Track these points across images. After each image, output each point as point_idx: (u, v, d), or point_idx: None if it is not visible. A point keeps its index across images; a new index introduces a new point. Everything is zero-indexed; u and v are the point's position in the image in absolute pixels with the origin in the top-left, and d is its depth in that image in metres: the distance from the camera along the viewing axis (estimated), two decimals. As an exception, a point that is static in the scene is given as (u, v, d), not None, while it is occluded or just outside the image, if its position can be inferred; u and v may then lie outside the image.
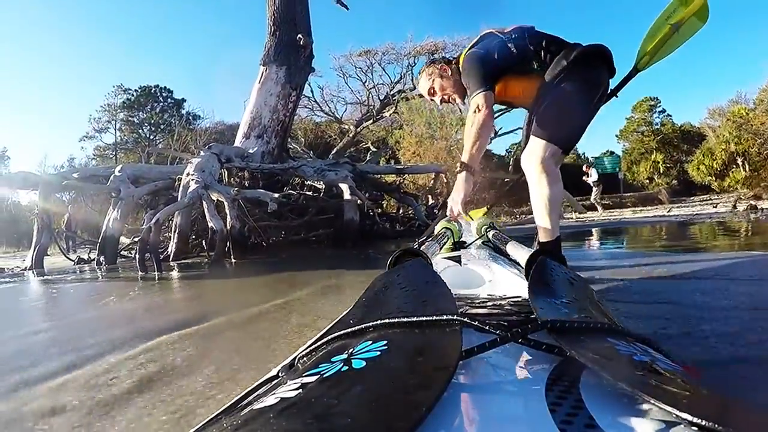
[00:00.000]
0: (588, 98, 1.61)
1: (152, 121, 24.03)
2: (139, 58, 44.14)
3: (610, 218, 8.82)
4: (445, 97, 1.86)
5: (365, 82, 16.81)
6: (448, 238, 1.30)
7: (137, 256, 4.80)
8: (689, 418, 0.23)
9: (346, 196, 5.92)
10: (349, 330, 0.37)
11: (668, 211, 9.28)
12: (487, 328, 0.34)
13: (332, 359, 0.32)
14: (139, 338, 1.69)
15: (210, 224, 5.10)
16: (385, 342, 0.33)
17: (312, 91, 16.83)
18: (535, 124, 1.59)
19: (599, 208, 11.32)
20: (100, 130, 24.15)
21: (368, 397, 0.26)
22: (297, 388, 0.29)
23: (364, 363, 0.30)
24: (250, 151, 6.97)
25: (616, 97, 1.73)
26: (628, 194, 14.86)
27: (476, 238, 1.27)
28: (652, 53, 1.71)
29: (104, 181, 6.22)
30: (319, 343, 0.39)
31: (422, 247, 0.93)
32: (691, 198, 13.72)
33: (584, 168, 12.69)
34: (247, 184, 6.53)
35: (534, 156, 1.56)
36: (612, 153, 21.09)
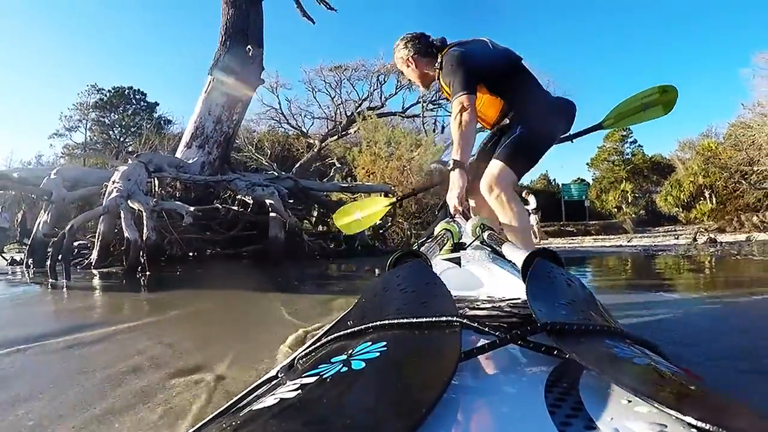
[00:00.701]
0: (548, 143, 1.78)
1: (123, 123, 23.59)
2: (119, 57, 42.66)
3: (566, 246, 8.86)
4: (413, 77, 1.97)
5: (334, 97, 16.90)
6: (447, 239, 1.30)
7: (49, 262, 4.68)
8: (689, 420, 0.23)
9: (272, 213, 5.79)
10: (349, 331, 0.37)
11: (629, 241, 9.42)
12: (486, 329, 0.34)
13: (332, 360, 0.32)
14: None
15: (126, 234, 5.01)
16: (384, 343, 0.33)
17: (280, 104, 16.92)
18: (507, 149, 1.71)
19: (536, 236, 11.23)
20: (70, 128, 23.65)
21: (367, 399, 0.26)
22: (296, 389, 0.28)
23: (363, 364, 0.30)
24: (191, 161, 6.81)
25: (572, 142, 1.96)
26: (594, 222, 15.30)
27: (473, 239, 1.27)
28: (617, 119, 2.01)
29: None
30: (318, 343, 0.39)
31: (422, 249, 0.93)
32: (656, 228, 14.08)
33: (523, 194, 12.69)
34: (179, 195, 6.42)
35: (501, 179, 1.69)
36: (582, 180, 21.36)
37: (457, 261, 1.02)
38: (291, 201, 7.17)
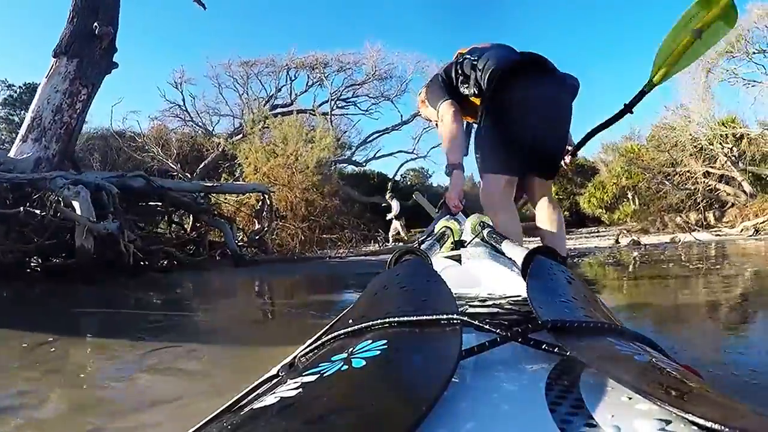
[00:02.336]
0: (504, 120, 1.65)
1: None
2: (32, 51, 35.64)
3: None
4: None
5: (242, 94, 16.05)
6: (448, 237, 1.30)
7: None
8: (691, 417, 0.23)
9: (79, 218, 4.76)
10: (349, 329, 0.37)
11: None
12: (487, 327, 0.34)
13: (332, 358, 0.32)
14: None
15: None
16: (385, 341, 0.33)
17: (184, 100, 15.66)
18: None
19: (388, 241, 10.92)
20: (-25, 127, 21.40)
21: (368, 397, 0.26)
22: (297, 388, 0.29)
23: (364, 362, 0.30)
24: (24, 156, 5.88)
25: (631, 113, 1.61)
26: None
27: (473, 237, 1.27)
28: (670, 64, 1.51)
29: None
30: (319, 342, 0.39)
31: (422, 246, 0.93)
32: (579, 230, 14.10)
33: (387, 197, 12.12)
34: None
35: (481, 191, 1.73)
36: None
37: (457, 259, 1.02)
38: (142, 204, 6.51)
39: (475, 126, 1.81)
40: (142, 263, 5.57)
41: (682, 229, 10.53)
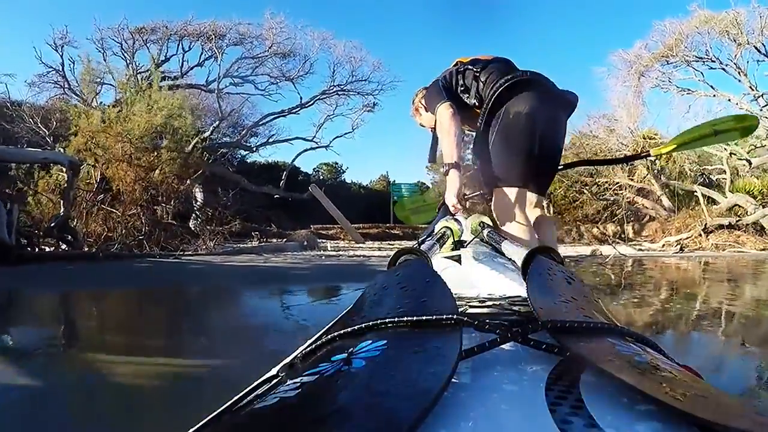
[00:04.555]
0: (506, 133, 1.68)
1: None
2: None
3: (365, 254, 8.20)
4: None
5: (129, 63, 13.92)
6: (448, 238, 1.30)
7: None
8: (691, 417, 0.23)
9: None
10: (349, 329, 0.37)
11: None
12: (487, 327, 0.34)
13: (332, 358, 0.32)
14: None
15: None
16: (384, 341, 0.33)
17: (63, 64, 13.11)
18: None
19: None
20: None
21: (368, 397, 0.26)
22: (297, 388, 0.29)
23: (364, 362, 0.30)
24: None
25: (627, 164, 1.91)
26: (426, 225, 14.98)
27: (473, 237, 1.27)
28: (677, 146, 1.89)
29: None
30: (318, 342, 0.39)
31: (422, 247, 0.93)
32: None
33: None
34: None
35: (494, 205, 1.76)
36: (422, 183, 19.39)
37: (457, 259, 1.02)
38: None
39: (469, 135, 1.87)
40: None
41: (600, 241, 10.54)
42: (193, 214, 9.31)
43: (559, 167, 1.96)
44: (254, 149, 17.14)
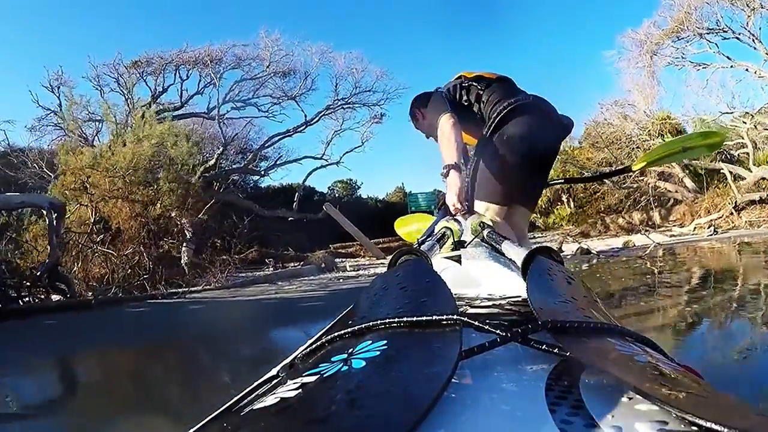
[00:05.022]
0: (504, 153, 1.75)
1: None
2: None
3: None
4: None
5: (127, 98, 13.21)
6: (448, 238, 1.30)
7: None
8: (691, 417, 0.23)
9: None
10: (349, 330, 0.37)
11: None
12: (487, 328, 0.34)
13: (332, 359, 0.32)
14: None
15: None
16: (384, 342, 0.33)
17: (60, 105, 12.57)
18: None
19: None
20: None
21: (368, 397, 0.26)
22: (297, 388, 0.29)
23: (363, 363, 0.30)
24: None
25: (603, 181, 2.00)
26: None
27: (473, 238, 1.27)
28: (650, 161, 2.04)
29: None
30: (318, 342, 0.39)
31: (422, 247, 0.93)
32: None
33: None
34: None
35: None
36: (438, 191, 19.24)
37: (457, 259, 1.02)
38: None
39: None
40: None
41: (627, 231, 9.90)
42: (184, 247, 8.37)
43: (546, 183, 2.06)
44: (263, 173, 16.56)
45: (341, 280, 7.13)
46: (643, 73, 13.21)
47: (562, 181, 3.29)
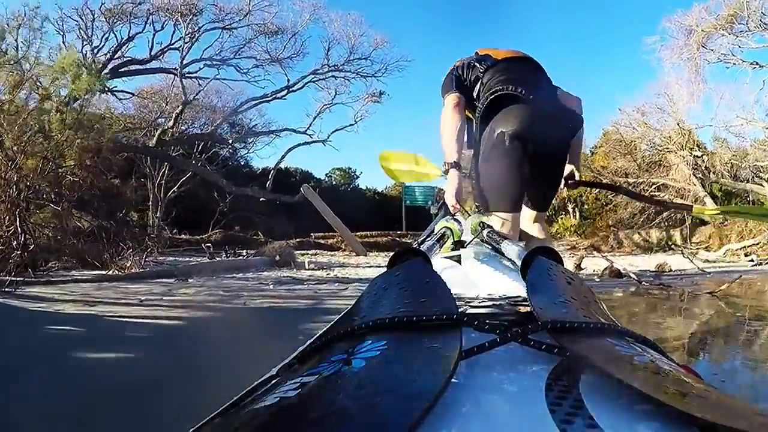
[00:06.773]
0: (500, 152, 1.60)
1: None
2: None
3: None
4: None
5: (92, 46, 11.29)
6: (447, 238, 1.30)
7: None
8: (691, 417, 0.23)
9: None
10: (349, 329, 0.37)
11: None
12: (486, 328, 0.34)
13: (332, 359, 0.32)
14: None
15: None
16: (384, 342, 0.33)
17: (17, 48, 10.02)
18: None
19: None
20: None
21: (368, 397, 0.26)
22: (297, 388, 0.29)
23: (363, 362, 0.30)
24: None
25: (657, 204, 1.82)
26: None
27: (473, 237, 1.27)
28: (725, 213, 1.93)
29: None
30: (318, 342, 0.39)
31: (422, 247, 0.94)
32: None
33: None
34: None
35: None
36: (439, 188, 18.26)
37: (457, 259, 1.02)
38: None
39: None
40: None
41: (642, 249, 8.88)
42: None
43: (571, 182, 1.86)
44: (231, 142, 14.62)
45: (271, 286, 5.17)
46: (687, 66, 11.32)
47: (598, 185, 3.03)
